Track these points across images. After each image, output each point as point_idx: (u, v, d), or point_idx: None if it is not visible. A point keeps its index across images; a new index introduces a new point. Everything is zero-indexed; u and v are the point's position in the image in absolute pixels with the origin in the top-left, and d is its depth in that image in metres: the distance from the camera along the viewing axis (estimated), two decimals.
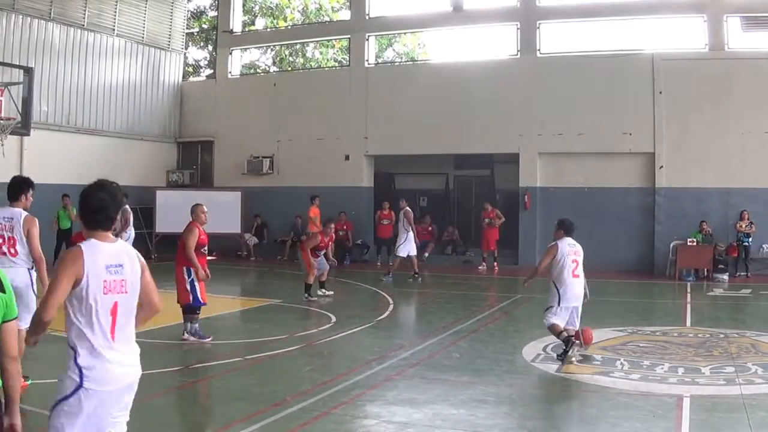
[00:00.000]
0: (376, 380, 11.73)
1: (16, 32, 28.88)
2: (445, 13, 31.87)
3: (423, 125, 31.12)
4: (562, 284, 13.14)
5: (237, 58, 37.69)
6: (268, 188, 33.46)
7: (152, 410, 10.56)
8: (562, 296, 13.09)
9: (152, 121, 35.88)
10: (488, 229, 28.84)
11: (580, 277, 13.52)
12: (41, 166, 28.57)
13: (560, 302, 13.08)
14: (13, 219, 11.45)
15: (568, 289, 13.16)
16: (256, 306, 20.29)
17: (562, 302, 13.08)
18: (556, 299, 13.11)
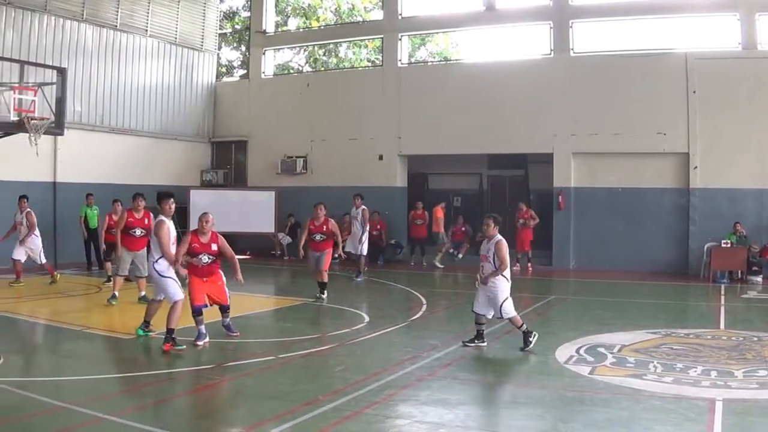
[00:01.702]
0: (408, 380, 11.71)
1: (49, 33, 29.10)
2: (477, 13, 31.89)
3: (456, 125, 31.11)
4: (509, 277, 14.26)
5: (270, 58, 37.77)
6: (301, 188, 33.50)
7: (185, 407, 10.65)
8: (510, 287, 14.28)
9: (186, 121, 36.04)
10: (522, 230, 28.74)
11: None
12: (75, 165, 28.91)
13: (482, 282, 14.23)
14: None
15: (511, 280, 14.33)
16: (289, 305, 20.28)
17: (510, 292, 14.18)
18: (509, 290, 14.24)
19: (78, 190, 26.13)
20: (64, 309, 18.83)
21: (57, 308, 18.82)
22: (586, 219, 29.16)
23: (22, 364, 13.06)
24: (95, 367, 13.27)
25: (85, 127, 30.57)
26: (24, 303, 19.46)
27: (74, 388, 11.62)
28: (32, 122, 23.46)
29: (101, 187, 28.48)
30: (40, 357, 14.15)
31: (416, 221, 30.75)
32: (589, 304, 20.63)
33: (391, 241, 31.98)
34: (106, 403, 10.59)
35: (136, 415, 9.90)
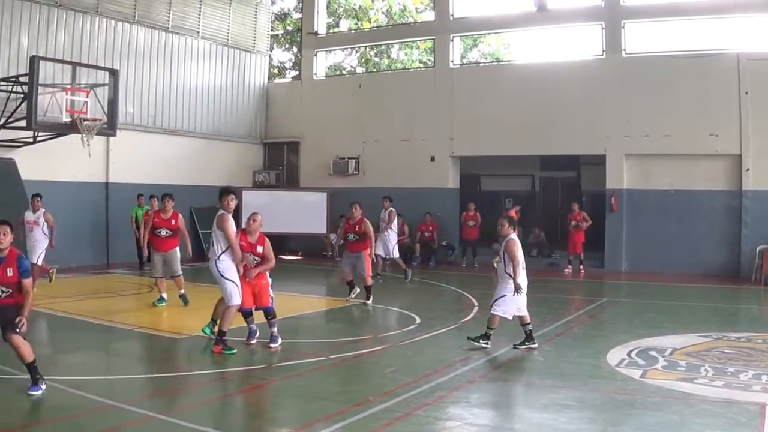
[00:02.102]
0: (459, 382, 11.71)
1: (101, 35, 29.35)
2: (529, 14, 31.73)
3: (508, 126, 31.00)
4: (519, 276, 14.06)
5: (322, 59, 37.85)
6: (353, 189, 33.51)
7: (235, 407, 10.72)
8: (521, 287, 14.07)
9: (238, 123, 36.23)
10: (575, 232, 28.59)
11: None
12: (127, 166, 29.14)
13: (517, 292, 14.04)
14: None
15: (523, 280, 14.20)
16: (340, 306, 20.26)
17: (518, 292, 14.06)
18: (512, 290, 14.08)
19: (130, 191, 26.36)
20: (116, 308, 18.98)
21: (109, 308, 18.96)
22: (638, 221, 28.99)
23: (75, 363, 13.16)
24: (146, 367, 13.41)
25: (138, 128, 30.80)
26: (77, 302, 19.60)
27: (125, 387, 11.74)
28: (84, 123, 23.71)
29: (153, 187, 28.60)
30: (92, 356, 14.23)
31: (468, 223, 30.68)
32: (640, 307, 20.45)
33: (443, 243, 31.92)
34: (156, 402, 10.74)
35: (185, 414, 10.00)
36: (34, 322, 17.13)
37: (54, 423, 9.56)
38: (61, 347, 14.39)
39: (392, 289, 24.58)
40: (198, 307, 16.76)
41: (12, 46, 26.57)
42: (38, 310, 18.10)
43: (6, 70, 25.92)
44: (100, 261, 27.76)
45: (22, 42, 26.86)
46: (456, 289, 23.84)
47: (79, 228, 27.92)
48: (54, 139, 25.81)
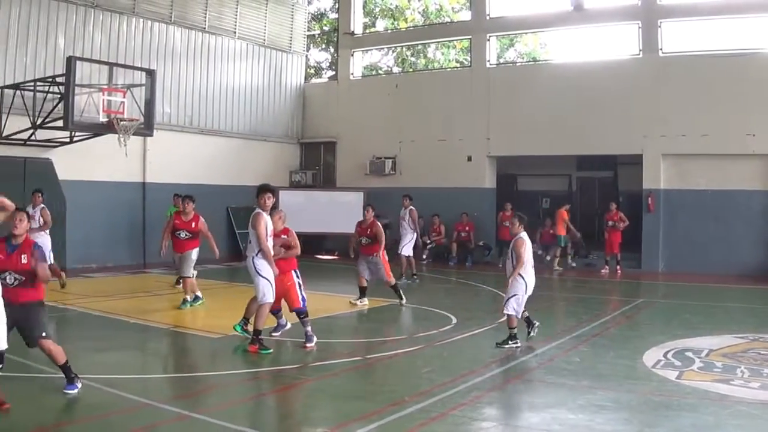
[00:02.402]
0: (495, 383, 11.76)
1: (138, 36, 29.55)
2: (565, 13, 31.60)
3: (545, 126, 30.92)
4: (528, 274, 14.49)
5: (358, 59, 37.89)
6: (390, 189, 33.54)
7: (270, 406, 10.77)
8: (528, 285, 14.46)
9: (275, 123, 36.33)
10: (612, 232, 28.46)
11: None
12: (164, 166, 29.25)
13: (526, 291, 14.44)
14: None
15: (530, 279, 14.56)
16: (377, 306, 20.23)
17: (527, 291, 14.45)
18: (524, 289, 14.41)
19: (167, 191, 26.44)
20: (152, 308, 19.08)
21: (145, 307, 19.07)
22: (675, 221, 28.86)
23: (110, 361, 13.25)
24: (181, 366, 13.53)
25: (174, 128, 30.96)
26: (113, 301, 19.72)
27: (160, 386, 11.87)
28: (121, 123, 23.81)
29: (190, 187, 28.64)
30: (128, 355, 14.32)
31: (505, 223, 30.45)
32: (677, 308, 20.42)
33: (480, 243, 31.88)
34: (191, 401, 10.81)
35: (220, 413, 10.03)
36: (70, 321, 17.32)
37: (89, 422, 9.64)
38: (97, 346, 14.46)
39: (429, 290, 24.62)
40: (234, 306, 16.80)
41: (48, 47, 26.77)
42: (75, 309, 18.33)
43: (43, 71, 26.10)
44: (137, 260, 27.91)
45: (59, 43, 27.05)
46: (492, 290, 23.78)
47: (116, 228, 28.13)
48: (91, 139, 25.95)
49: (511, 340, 14.18)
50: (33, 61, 26.36)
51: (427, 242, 32.00)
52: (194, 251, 19.34)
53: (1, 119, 24.61)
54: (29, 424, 9.35)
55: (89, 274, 24.45)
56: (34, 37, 26.48)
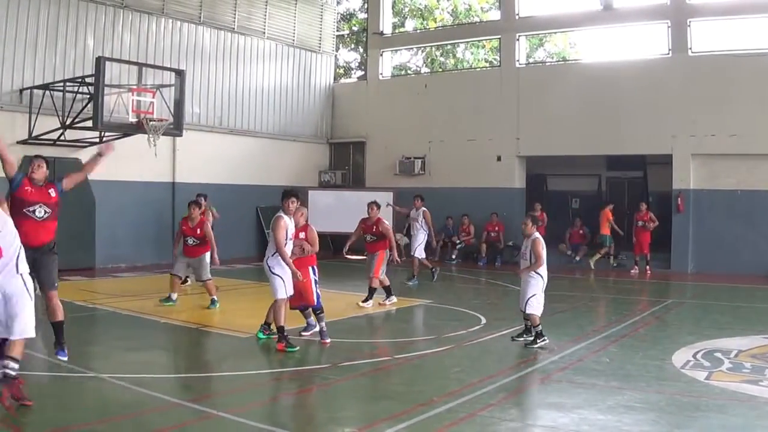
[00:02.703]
0: (523, 383, 11.77)
1: (167, 36, 29.68)
2: (594, 12, 31.51)
3: (575, 126, 30.86)
4: (544, 273, 14.64)
5: (388, 59, 37.90)
6: (419, 189, 33.50)
7: (299, 406, 10.78)
8: (544, 285, 14.63)
9: (304, 123, 36.40)
10: (642, 232, 28.38)
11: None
12: (193, 166, 29.37)
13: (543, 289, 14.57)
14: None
15: (546, 277, 14.71)
16: (406, 306, 20.21)
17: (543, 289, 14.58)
18: (541, 286, 14.56)
19: (196, 191, 26.45)
20: (180, 307, 19.13)
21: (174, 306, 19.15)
22: (704, 222, 28.73)
23: (139, 361, 13.32)
24: (210, 365, 13.55)
25: (204, 128, 31.08)
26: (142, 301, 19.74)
27: (189, 385, 11.89)
28: (151, 123, 23.89)
29: (219, 187, 28.94)
30: (157, 354, 14.42)
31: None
32: (707, 308, 20.37)
33: (509, 243, 31.76)
34: (219, 400, 10.83)
35: (249, 413, 10.05)
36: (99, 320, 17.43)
37: (119, 420, 9.65)
38: (126, 345, 14.54)
39: (458, 290, 24.67)
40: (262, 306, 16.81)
41: (78, 47, 26.92)
42: (104, 309, 18.42)
43: (72, 71, 26.26)
44: (166, 260, 28.02)
45: (88, 43, 27.20)
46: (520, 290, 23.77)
47: (145, 227, 28.26)
48: (120, 139, 26.08)
49: (539, 339, 14.20)
50: (62, 62, 26.52)
51: (456, 242, 32.03)
52: (207, 255, 19.36)
53: (31, 119, 24.78)
54: (59, 422, 9.40)
55: (118, 274, 24.55)
56: (63, 37, 26.64)
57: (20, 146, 24.97)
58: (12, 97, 25.34)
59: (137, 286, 23.00)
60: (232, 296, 19.61)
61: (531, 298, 14.35)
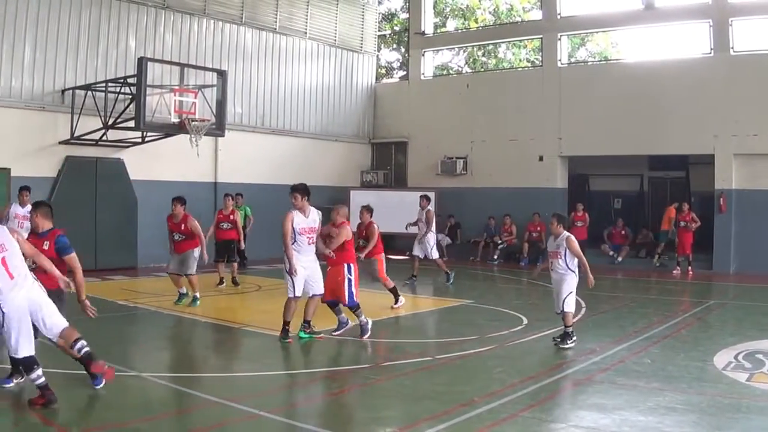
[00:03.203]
0: (565, 384, 11.79)
1: (209, 36, 30.00)
2: (636, 11, 31.50)
3: (617, 125, 30.81)
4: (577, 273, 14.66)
5: (429, 59, 37.97)
6: (461, 189, 33.64)
7: (340, 405, 10.83)
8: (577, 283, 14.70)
9: (346, 123, 36.57)
10: (684, 232, 28.25)
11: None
12: (235, 166, 29.59)
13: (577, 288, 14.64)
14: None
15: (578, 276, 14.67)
16: (448, 306, 20.35)
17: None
18: (576, 284, 14.69)
19: (238, 191, 26.62)
20: (222, 306, 19.36)
21: (216, 306, 19.33)
22: (747, 222, 28.60)
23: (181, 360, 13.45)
24: (252, 364, 13.57)
25: (246, 128, 31.37)
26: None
27: (231, 384, 11.99)
28: (193, 124, 24.10)
29: (261, 187, 29.14)
30: (198, 353, 14.59)
31: (576, 223, 30.47)
32: (749, 309, 20.23)
33: None
34: (261, 399, 10.85)
35: (290, 412, 10.24)
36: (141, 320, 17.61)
37: (160, 419, 9.80)
38: (167, 344, 14.72)
39: (500, 290, 24.69)
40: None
41: (120, 48, 27.26)
42: (146, 308, 18.59)
43: (114, 72, 26.58)
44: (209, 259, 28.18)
45: (130, 44, 27.51)
46: None
47: None
48: (162, 139, 26.30)
49: (569, 340, 14.26)
50: (104, 62, 26.87)
51: (498, 242, 32.05)
52: (196, 250, 19.33)
53: (73, 120, 25.09)
54: (101, 421, 9.60)
55: (159, 273, 24.71)
56: (105, 38, 26.95)
57: (62, 146, 25.31)
58: (54, 97, 25.69)
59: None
60: (274, 296, 19.72)
61: (567, 298, 14.42)
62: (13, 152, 24.64)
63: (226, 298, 21.27)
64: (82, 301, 11.23)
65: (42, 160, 25.45)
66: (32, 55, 25.39)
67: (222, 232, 22.72)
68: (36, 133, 25.40)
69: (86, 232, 25.29)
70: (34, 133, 25.35)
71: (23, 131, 25.04)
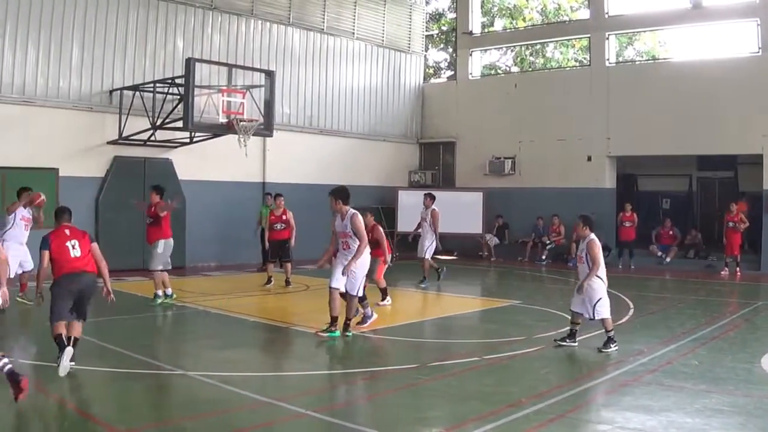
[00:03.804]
0: (612, 385, 11.74)
1: (256, 37, 30.22)
2: (684, 10, 31.39)
3: (665, 125, 30.67)
4: (603, 274, 14.56)
5: (477, 59, 37.97)
6: (509, 189, 33.63)
7: (387, 405, 10.85)
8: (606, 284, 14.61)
9: (394, 123, 36.65)
10: (732, 233, 28.08)
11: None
12: (283, 166, 29.71)
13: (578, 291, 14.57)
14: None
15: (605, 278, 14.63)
16: (496, 306, 20.36)
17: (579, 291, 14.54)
18: (604, 289, 14.53)
19: (286, 190, 26.75)
20: (271, 306, 19.50)
21: (264, 305, 19.49)
22: None
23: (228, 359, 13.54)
24: (299, 364, 13.69)
25: (294, 128, 31.54)
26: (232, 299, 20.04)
27: (278, 384, 12.09)
28: (241, 124, 24.20)
29: (309, 187, 29.28)
30: (245, 353, 14.66)
31: (625, 223, 30.44)
32: None
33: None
34: (308, 399, 10.89)
35: (337, 412, 10.27)
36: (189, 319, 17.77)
37: (208, 417, 9.88)
38: (215, 344, 14.79)
39: (548, 291, 24.64)
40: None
41: (167, 49, 27.53)
42: (193, 307, 18.74)
43: (162, 72, 26.85)
44: (255, 259, 28.25)
45: (178, 44, 27.76)
46: (611, 291, 23.50)
47: (235, 227, 28.58)
48: (210, 139, 26.48)
49: (611, 344, 14.18)
50: (152, 63, 27.15)
51: (546, 243, 32.02)
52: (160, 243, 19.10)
53: (121, 120, 25.34)
54: (149, 419, 9.72)
55: (207, 273, 24.88)
56: (153, 39, 27.22)
57: (110, 146, 25.54)
58: (102, 98, 25.99)
59: (226, 284, 23.36)
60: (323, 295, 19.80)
61: (597, 303, 14.34)
62: (62, 152, 24.96)
63: (274, 298, 21.39)
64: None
65: (90, 161, 25.76)
66: (80, 55, 25.71)
67: (275, 233, 23.03)
68: (84, 134, 25.72)
69: (134, 232, 25.51)
70: (82, 134, 25.68)
71: (71, 131, 25.37)
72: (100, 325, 14.94)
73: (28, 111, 24.53)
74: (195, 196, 27.12)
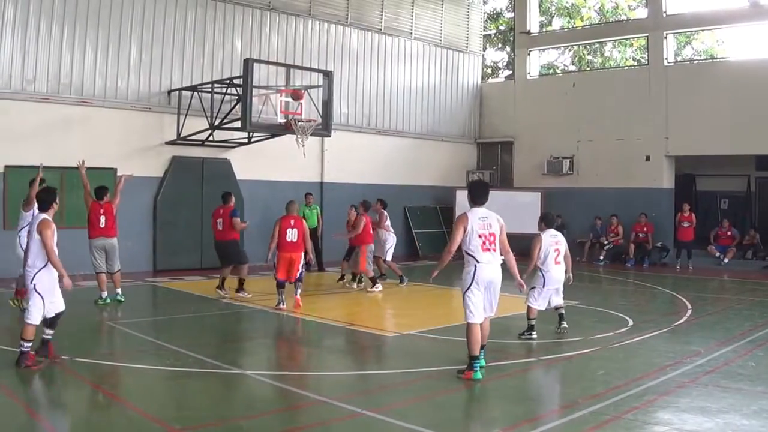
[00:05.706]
0: (669, 386, 11.67)
1: (314, 37, 30.34)
2: (742, 9, 31.20)
3: (724, 124, 30.44)
4: (548, 270, 15.89)
5: (535, 58, 37.91)
6: (567, 189, 33.55)
7: (443, 406, 10.86)
8: (546, 280, 15.84)
9: (452, 122, 36.67)
10: None
11: (561, 264, 16.07)
12: (341, 166, 29.82)
13: (545, 285, 15.81)
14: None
15: (551, 274, 15.88)
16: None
17: (546, 285, 15.81)
18: (542, 282, 15.85)
19: (345, 191, 26.95)
20: (326, 305, 19.59)
21: (320, 305, 19.56)
22: None
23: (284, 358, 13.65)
24: (355, 363, 13.89)
25: (352, 128, 31.67)
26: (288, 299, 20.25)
27: (333, 383, 12.18)
28: (299, 124, 24.26)
29: (367, 187, 29.32)
30: (301, 352, 14.85)
31: (683, 224, 30.30)
32: None
33: (657, 244, 31.55)
34: (364, 398, 10.99)
35: (393, 412, 10.24)
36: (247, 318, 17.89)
37: (264, 416, 10.01)
38: (271, 342, 14.96)
39: (605, 291, 24.62)
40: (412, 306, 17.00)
41: (225, 49, 27.73)
42: (251, 306, 18.88)
43: (220, 73, 27.06)
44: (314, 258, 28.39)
45: (236, 45, 27.94)
46: (669, 292, 23.57)
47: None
48: (268, 139, 26.62)
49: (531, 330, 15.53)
50: (210, 63, 27.35)
51: (604, 243, 31.92)
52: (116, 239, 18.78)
53: (179, 120, 25.56)
54: (205, 418, 9.80)
55: (264, 273, 24.99)
56: (211, 39, 27.42)
57: (169, 146, 25.75)
58: (160, 98, 26.23)
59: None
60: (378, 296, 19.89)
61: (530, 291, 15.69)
62: (120, 152, 25.18)
63: (331, 298, 21.50)
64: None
65: (148, 160, 25.98)
66: (138, 56, 25.97)
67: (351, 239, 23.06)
68: (142, 134, 26.00)
69: (193, 231, 25.76)
70: (140, 134, 25.95)
71: (129, 131, 25.64)
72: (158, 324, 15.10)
73: (87, 111, 24.82)
74: (253, 196, 27.33)
